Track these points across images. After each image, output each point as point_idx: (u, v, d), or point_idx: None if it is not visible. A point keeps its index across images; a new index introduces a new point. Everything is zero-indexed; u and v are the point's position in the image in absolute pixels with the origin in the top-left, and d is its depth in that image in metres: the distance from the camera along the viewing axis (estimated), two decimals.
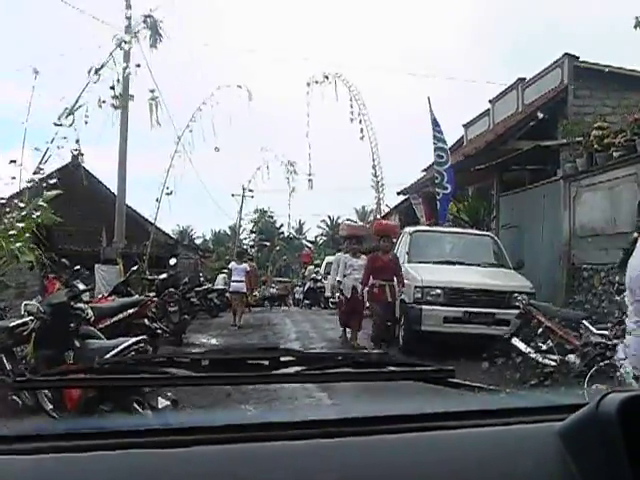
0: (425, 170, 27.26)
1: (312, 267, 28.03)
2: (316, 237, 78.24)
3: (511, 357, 9.31)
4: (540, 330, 9.28)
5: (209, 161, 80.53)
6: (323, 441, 1.09)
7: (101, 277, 19.27)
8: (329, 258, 30.62)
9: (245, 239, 66.39)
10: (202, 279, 25.39)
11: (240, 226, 51.99)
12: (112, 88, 13.58)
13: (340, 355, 1.83)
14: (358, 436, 1.12)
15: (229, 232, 61.30)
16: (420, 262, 12.37)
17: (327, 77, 24.57)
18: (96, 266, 19.93)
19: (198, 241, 68.96)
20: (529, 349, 9.27)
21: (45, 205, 10.73)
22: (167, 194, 20.91)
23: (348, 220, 26.90)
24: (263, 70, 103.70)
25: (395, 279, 11.71)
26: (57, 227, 15.94)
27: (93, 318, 8.79)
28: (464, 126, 24.92)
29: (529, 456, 1.07)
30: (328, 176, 51.83)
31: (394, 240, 12.91)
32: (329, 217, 76.94)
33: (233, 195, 46.56)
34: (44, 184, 12.25)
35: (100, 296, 13.92)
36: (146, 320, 10.83)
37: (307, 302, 26.38)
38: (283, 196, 60.31)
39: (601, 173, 12.32)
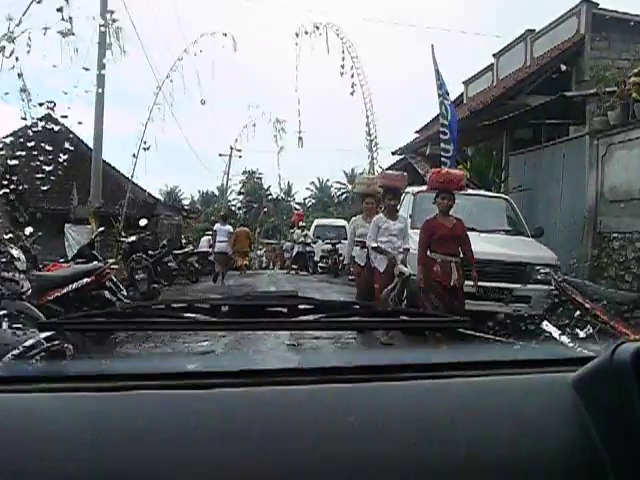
0: (418, 132, 25.46)
1: (299, 230, 25.89)
2: (305, 199, 76.72)
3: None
4: (578, 313, 7.46)
5: (195, 120, 78.40)
6: (339, 386, 1.07)
7: (71, 238, 17.39)
8: (318, 221, 28.75)
9: (233, 200, 65.71)
10: (184, 241, 23.58)
11: (228, 187, 50.20)
12: (59, 10, 11.29)
13: (357, 304, 1.85)
14: (372, 382, 1.09)
15: (217, 193, 59.38)
16: None
17: (317, 27, 22.33)
18: (66, 226, 18.01)
19: (186, 202, 67.45)
20: (564, 337, 7.43)
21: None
22: (144, 149, 18.93)
23: (361, 175, 23.94)
24: (249, 19, 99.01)
25: (462, 254, 8.09)
26: (29, 185, 14.28)
27: (30, 291, 7.35)
28: (464, 83, 22.94)
29: (542, 406, 1.05)
30: (318, 137, 49.83)
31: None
32: (318, 179, 76.05)
33: (221, 155, 44.74)
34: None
35: (62, 261, 11.99)
36: (106, 292, 8.97)
37: (294, 266, 24.45)
38: (272, 157, 58.94)
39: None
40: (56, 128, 17.42)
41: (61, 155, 17.27)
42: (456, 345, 1.65)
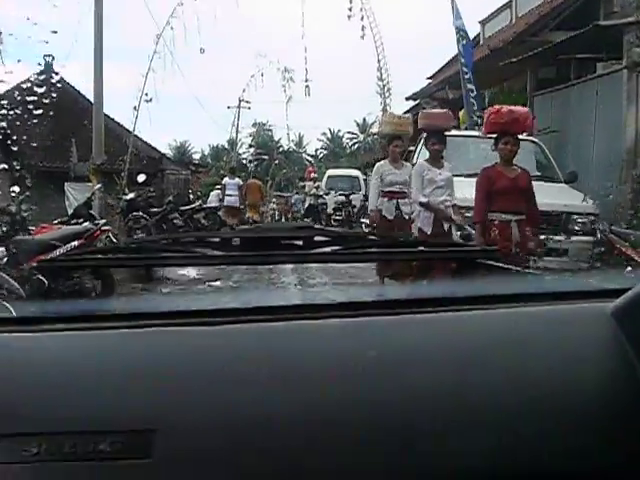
0: (431, 77, 24.18)
1: (311, 183, 24.78)
2: (316, 150, 75.64)
3: None
4: (629, 269, 6.51)
5: (202, 72, 76.34)
6: (357, 320, 1.04)
7: (72, 197, 16.50)
8: (331, 172, 27.62)
9: (244, 153, 64.77)
10: (192, 197, 22.63)
11: (239, 140, 49.14)
12: None
13: (375, 235, 1.79)
14: (397, 315, 1.06)
15: (227, 146, 58.21)
16: None
17: None
18: (66, 185, 17.12)
19: (196, 156, 66.52)
20: None
21: None
22: (146, 101, 17.88)
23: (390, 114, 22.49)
24: None
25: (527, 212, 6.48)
26: (27, 141, 13.44)
27: (6, 259, 6.82)
28: (481, 23, 21.53)
29: (582, 337, 1.02)
30: (328, 86, 48.16)
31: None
32: (329, 130, 74.79)
33: (229, 107, 43.48)
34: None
35: (56, 222, 11.09)
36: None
37: (307, 220, 23.48)
38: (281, 108, 57.48)
39: None
40: (55, 83, 16.70)
41: (60, 109, 16.20)
42: (489, 277, 1.51)
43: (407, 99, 22.16)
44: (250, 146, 65.30)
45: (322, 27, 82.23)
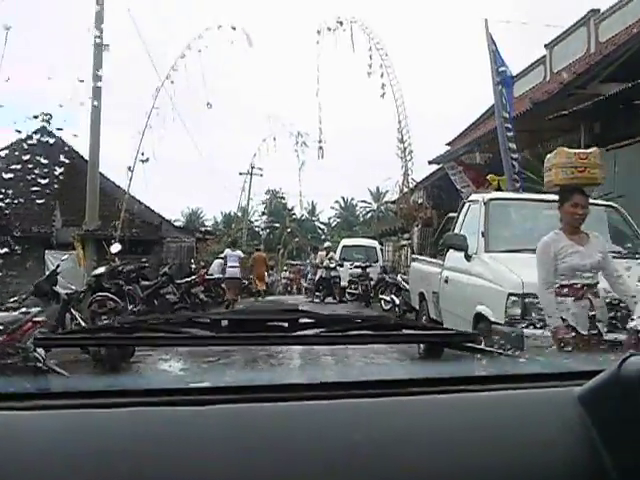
0: (449, 144, 22.09)
1: (323, 253, 22.21)
2: (329, 219, 74.28)
3: None
4: None
5: (212, 137, 74.62)
6: (339, 402, 1.03)
7: (52, 267, 14.22)
8: (346, 241, 25.16)
9: (256, 221, 63.36)
10: (194, 266, 20.32)
11: (250, 208, 47.18)
12: None
13: (359, 318, 1.74)
14: (374, 398, 1.04)
15: (240, 214, 56.45)
16: (508, 251, 7.02)
17: (341, 23, 18.83)
18: (46, 253, 14.84)
19: (208, 224, 64.92)
20: None
21: None
22: (142, 161, 15.76)
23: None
24: (263, 17, 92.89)
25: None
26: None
27: None
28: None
29: (548, 421, 1.01)
30: (342, 154, 46.15)
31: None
32: (342, 198, 73.61)
33: (241, 174, 41.45)
34: None
35: (12, 300, 8.69)
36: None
37: (318, 293, 20.82)
38: (294, 175, 55.98)
39: None
40: (52, 141, 14.89)
41: (56, 168, 14.59)
42: (463, 360, 1.56)
43: (430, 163, 19.90)
44: (263, 214, 64.16)
45: (337, 93, 79.58)
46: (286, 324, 1.46)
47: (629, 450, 0.92)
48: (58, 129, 11.65)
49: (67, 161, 19.35)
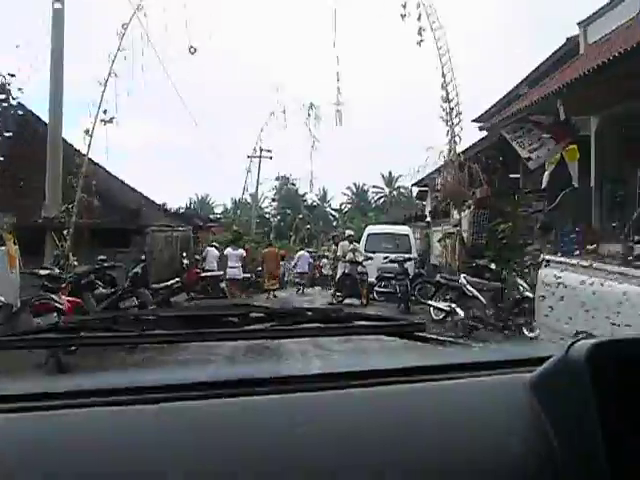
0: (477, 120, 17.65)
1: (346, 243, 17.34)
2: (341, 205, 70.29)
3: None
4: None
5: (218, 121, 69.41)
6: (294, 396, 1.01)
7: None
8: (372, 228, 20.37)
9: (266, 207, 59.55)
10: (186, 262, 16.00)
11: (261, 195, 42.85)
12: None
13: (310, 310, 1.69)
14: (327, 390, 1.03)
15: (250, 200, 52.19)
16: None
17: None
18: None
19: (218, 210, 60.93)
20: None
21: None
22: (103, 121, 11.43)
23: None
24: None
25: None
26: None
27: None
28: (580, 25, 14.89)
29: (499, 407, 1.02)
30: (355, 134, 41.31)
31: None
32: (354, 184, 69.95)
33: (249, 157, 37.01)
34: None
35: None
36: None
37: (339, 294, 16.22)
38: (303, 158, 51.65)
39: None
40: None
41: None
42: (413, 349, 1.56)
43: (475, 121, 15.33)
44: (273, 200, 60.23)
45: (353, 59, 71.00)
46: (236, 319, 1.42)
47: (577, 434, 0.91)
48: None
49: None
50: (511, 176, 15.09)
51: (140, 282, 10.32)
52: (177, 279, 10.88)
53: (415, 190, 28.47)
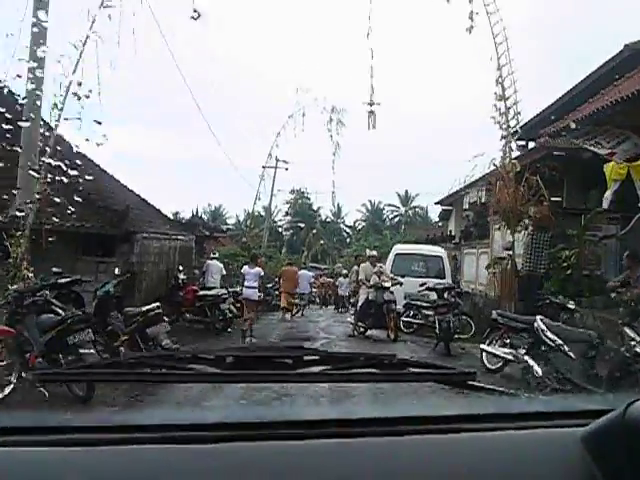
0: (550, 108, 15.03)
1: (368, 264, 14.23)
2: (355, 222, 69.78)
3: None
4: None
5: (235, 133, 66.88)
6: (341, 441, 0.98)
7: None
8: (400, 247, 17.44)
9: (279, 220, 57.46)
10: (183, 277, 13.42)
11: (275, 207, 40.47)
12: None
13: (363, 356, 1.61)
14: (378, 436, 1.00)
15: (263, 213, 49.84)
16: None
17: None
18: None
19: (231, 222, 58.99)
20: None
21: None
22: (75, 95, 8.94)
23: None
24: None
25: None
26: None
27: None
28: None
29: (551, 461, 0.97)
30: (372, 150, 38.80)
31: None
32: (369, 202, 68.24)
33: (264, 167, 34.41)
34: None
35: None
36: None
37: (361, 324, 13.36)
38: (319, 171, 49.00)
39: None
40: None
41: None
42: (466, 398, 1.52)
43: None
44: (286, 214, 57.89)
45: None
46: (290, 361, 1.35)
47: None
48: None
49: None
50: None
51: (110, 304, 7.71)
52: (157, 304, 8.17)
53: (436, 209, 25.93)
